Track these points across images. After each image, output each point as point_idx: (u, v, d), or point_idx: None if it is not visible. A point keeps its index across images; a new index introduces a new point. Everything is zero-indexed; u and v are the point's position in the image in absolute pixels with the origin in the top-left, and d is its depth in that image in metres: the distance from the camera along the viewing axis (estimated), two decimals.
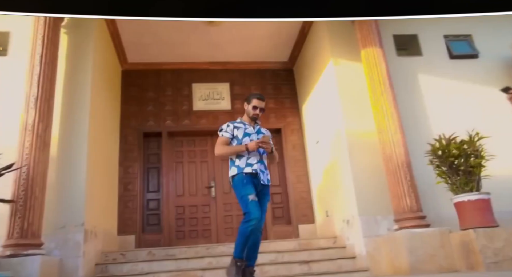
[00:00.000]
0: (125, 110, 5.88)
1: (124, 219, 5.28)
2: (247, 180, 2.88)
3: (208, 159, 6.01)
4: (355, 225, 4.18)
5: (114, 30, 5.21)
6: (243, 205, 2.81)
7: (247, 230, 2.73)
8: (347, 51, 4.72)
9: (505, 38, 4.76)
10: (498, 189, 3.58)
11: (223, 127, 3.09)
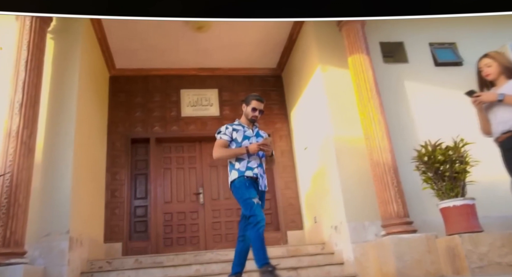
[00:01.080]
0: (112, 116, 5.83)
1: (110, 226, 5.21)
2: (249, 184, 2.83)
3: (197, 165, 5.98)
4: (343, 231, 4.19)
5: (102, 36, 5.18)
6: (247, 209, 2.75)
7: (259, 233, 2.68)
8: (334, 58, 4.77)
9: (488, 46, 4.83)
10: (482, 195, 3.64)
11: (221, 130, 3.01)
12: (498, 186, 4.16)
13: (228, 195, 5.86)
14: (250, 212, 2.72)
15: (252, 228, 2.69)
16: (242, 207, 2.86)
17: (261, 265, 2.64)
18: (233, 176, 2.89)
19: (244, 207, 2.81)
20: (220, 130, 3.02)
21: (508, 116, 2.55)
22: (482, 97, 2.67)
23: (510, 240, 3.13)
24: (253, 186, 2.86)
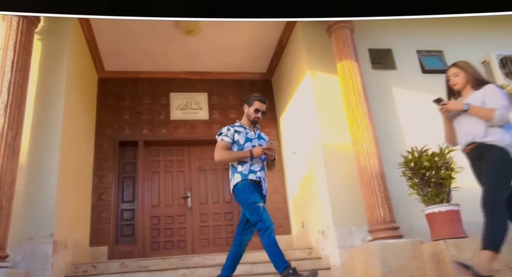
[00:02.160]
0: (100, 119, 5.78)
1: (96, 229, 5.15)
2: (253, 188, 2.77)
3: (185, 169, 5.96)
4: (330, 236, 4.20)
5: (91, 38, 5.14)
6: (254, 213, 2.66)
7: (271, 238, 2.60)
8: (323, 63, 4.80)
9: (474, 55, 4.92)
10: (466, 201, 3.66)
11: (222, 131, 2.91)
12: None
13: (216, 199, 5.85)
14: (257, 217, 2.63)
15: (263, 234, 2.61)
16: (247, 212, 2.77)
17: (282, 270, 2.57)
18: (236, 180, 2.80)
19: (249, 212, 2.72)
20: (221, 132, 2.92)
21: (471, 128, 2.54)
22: (449, 106, 2.66)
23: None
24: (257, 190, 2.79)
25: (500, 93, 2.54)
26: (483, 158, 2.48)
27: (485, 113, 2.48)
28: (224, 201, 5.85)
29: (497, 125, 2.45)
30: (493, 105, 2.47)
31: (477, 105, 2.54)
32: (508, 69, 4.61)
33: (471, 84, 2.65)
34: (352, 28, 4.64)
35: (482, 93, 2.57)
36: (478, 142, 2.52)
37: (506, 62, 4.66)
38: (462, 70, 2.69)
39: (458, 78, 2.69)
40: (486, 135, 2.48)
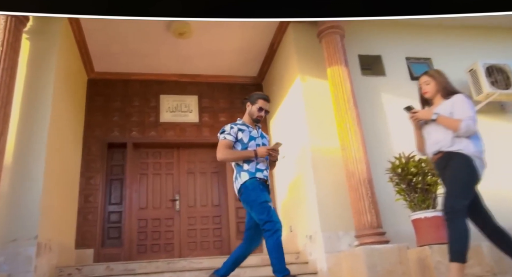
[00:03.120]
0: (89, 120, 5.73)
1: (82, 232, 5.09)
2: (263, 187, 2.69)
3: (174, 172, 5.93)
4: (318, 241, 4.21)
5: (81, 38, 5.11)
6: (264, 213, 2.57)
7: (279, 241, 2.52)
8: (314, 68, 4.83)
9: (461, 63, 5.01)
10: None
11: (225, 129, 2.81)
12: None
13: (204, 202, 5.83)
14: (268, 217, 2.54)
15: (271, 236, 2.52)
16: (255, 211, 2.63)
17: (282, 276, 2.52)
18: (244, 178, 2.70)
19: (258, 211, 2.59)
20: (224, 130, 2.82)
21: (439, 137, 2.54)
22: (418, 114, 2.66)
23: (477, 252, 3.21)
24: (266, 190, 2.71)
25: (468, 103, 2.54)
26: (449, 167, 2.49)
27: (452, 124, 2.49)
28: (213, 205, 5.83)
29: (463, 135, 2.46)
30: (461, 116, 2.47)
31: (445, 114, 2.54)
32: (494, 77, 4.69)
33: (441, 93, 2.65)
34: (342, 34, 4.68)
35: (451, 103, 2.57)
36: (445, 151, 2.52)
37: (492, 71, 4.73)
38: (433, 78, 2.69)
39: (428, 87, 2.70)
40: (452, 144, 2.48)
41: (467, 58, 5.04)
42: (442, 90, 2.65)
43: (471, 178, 2.44)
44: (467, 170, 2.42)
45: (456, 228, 2.31)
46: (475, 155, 2.45)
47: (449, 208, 2.37)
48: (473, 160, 2.43)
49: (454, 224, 2.32)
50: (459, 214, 2.33)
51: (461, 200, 2.37)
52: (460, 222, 2.32)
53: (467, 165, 2.42)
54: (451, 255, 2.32)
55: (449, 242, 2.34)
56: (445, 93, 2.64)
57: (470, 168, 2.42)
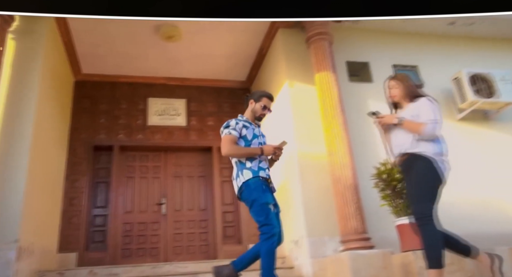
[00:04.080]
0: (75, 122, 5.66)
1: (66, 235, 5.01)
2: (266, 187, 2.61)
3: (161, 175, 5.89)
4: (303, 246, 4.21)
5: (68, 39, 5.06)
6: (263, 215, 2.49)
7: (272, 248, 2.45)
8: (302, 74, 4.86)
9: (447, 71, 5.10)
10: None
11: (230, 124, 2.72)
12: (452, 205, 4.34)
13: (191, 206, 5.79)
14: (266, 220, 2.46)
15: (266, 241, 2.44)
16: (254, 212, 2.55)
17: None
18: (247, 176, 2.59)
19: (257, 213, 2.51)
20: (228, 124, 2.72)
21: (403, 140, 2.55)
22: (383, 119, 2.69)
23: (458, 258, 3.23)
24: (269, 190, 2.64)
25: (432, 107, 2.55)
26: (412, 169, 2.50)
27: (415, 127, 2.50)
28: (199, 209, 5.80)
29: (426, 139, 2.47)
30: (424, 119, 2.49)
31: (410, 118, 2.56)
32: (477, 86, 4.78)
33: (407, 97, 2.67)
34: (330, 40, 4.73)
35: (416, 107, 2.59)
36: (408, 153, 2.53)
37: (476, 80, 4.82)
38: (399, 83, 2.71)
39: (395, 91, 2.72)
40: (415, 147, 2.49)
41: (452, 66, 5.13)
42: (408, 94, 2.67)
43: (435, 181, 2.45)
44: (430, 173, 2.43)
45: (429, 234, 2.33)
46: (437, 157, 2.45)
47: (419, 214, 2.38)
48: (435, 162, 2.44)
49: (426, 230, 2.34)
50: (429, 219, 2.35)
51: (429, 205, 2.39)
52: (431, 227, 2.34)
53: (429, 167, 2.43)
54: (428, 262, 2.33)
55: (424, 249, 2.35)
56: (411, 97, 2.66)
57: (433, 170, 2.42)
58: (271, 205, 2.55)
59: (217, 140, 5.99)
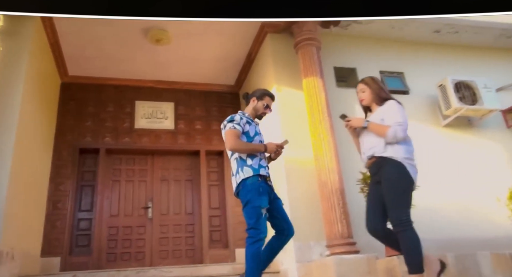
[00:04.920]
0: (61, 124, 5.60)
1: (50, 239, 4.93)
2: (264, 189, 2.55)
3: (147, 179, 5.84)
4: (289, 250, 4.20)
5: (55, 41, 5.01)
6: (253, 218, 2.46)
7: (258, 252, 2.42)
8: (290, 79, 4.89)
9: (432, 78, 5.18)
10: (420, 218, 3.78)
11: (235, 118, 2.67)
12: (435, 210, 4.41)
13: (178, 210, 5.76)
14: (255, 224, 2.43)
15: (252, 245, 2.41)
16: (246, 213, 2.53)
17: None
18: (247, 174, 2.54)
19: (249, 215, 2.49)
20: (233, 119, 2.66)
21: (373, 143, 2.54)
22: (351, 122, 2.69)
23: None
24: (267, 192, 2.58)
25: (397, 109, 2.53)
26: (381, 172, 2.49)
27: (381, 130, 2.49)
28: (186, 213, 5.77)
29: (391, 142, 2.45)
30: (390, 122, 2.48)
31: (377, 121, 2.55)
32: (461, 93, 4.86)
33: (376, 100, 2.67)
34: (319, 46, 4.77)
35: (383, 110, 2.59)
36: (378, 157, 2.52)
37: (460, 87, 4.91)
38: (368, 86, 2.70)
39: (364, 94, 2.71)
40: (385, 150, 2.47)
41: (437, 73, 5.21)
42: (376, 97, 2.66)
43: (407, 185, 2.43)
44: (403, 178, 2.41)
45: (408, 240, 2.33)
46: (406, 161, 2.43)
47: (396, 221, 2.36)
48: (405, 166, 2.42)
49: (405, 236, 2.34)
50: (407, 224, 2.34)
51: (405, 210, 2.38)
52: (410, 232, 2.33)
53: (402, 172, 2.41)
54: (410, 268, 2.32)
55: (404, 255, 2.35)
56: (379, 100, 2.65)
57: (404, 175, 2.41)
58: (264, 209, 2.52)
59: (205, 144, 6.06)
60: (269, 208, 2.61)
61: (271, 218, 2.69)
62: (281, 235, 2.71)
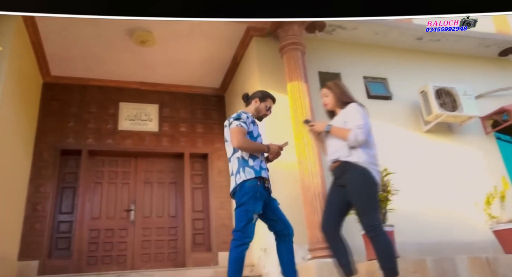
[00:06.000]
0: (42, 125, 5.51)
1: (28, 242, 4.83)
2: (261, 194, 2.53)
3: (130, 181, 5.78)
4: (272, 254, 4.21)
5: (37, 40, 4.93)
6: (243, 221, 2.44)
7: (242, 255, 2.40)
8: (274, 83, 4.90)
9: (415, 84, 5.27)
10: (400, 222, 3.86)
11: (242, 116, 2.62)
12: (415, 214, 4.47)
13: (161, 213, 5.71)
14: (243, 227, 2.43)
15: (236, 248, 2.41)
16: (237, 215, 2.51)
17: None
18: (249, 175, 2.50)
19: (239, 218, 2.47)
20: (240, 116, 2.61)
21: (337, 147, 2.53)
22: (314, 127, 2.69)
23: (422, 266, 3.33)
24: (264, 197, 2.56)
25: (358, 112, 2.53)
26: (346, 178, 2.48)
27: (342, 133, 2.49)
28: (169, 216, 5.73)
29: (353, 145, 2.45)
30: (350, 125, 2.48)
31: (340, 125, 2.55)
32: (442, 100, 4.96)
33: (339, 104, 2.67)
34: (303, 50, 4.81)
35: (345, 113, 2.59)
36: (342, 161, 2.51)
37: (441, 93, 5.00)
38: (330, 90, 2.72)
39: (327, 99, 2.72)
40: (349, 155, 2.47)
41: (420, 79, 5.31)
42: (339, 101, 2.67)
43: (374, 189, 2.44)
44: (368, 183, 2.41)
45: (381, 244, 2.35)
46: (371, 166, 2.43)
47: (368, 227, 2.38)
48: (370, 171, 2.42)
49: (378, 241, 2.35)
50: (378, 229, 2.35)
51: (375, 215, 2.39)
52: (382, 237, 2.34)
53: (366, 177, 2.41)
54: (385, 272, 2.33)
55: (379, 260, 2.36)
56: (341, 103, 2.65)
57: (370, 180, 2.41)
58: (256, 215, 2.51)
59: (189, 147, 6.04)
60: (265, 210, 2.62)
61: (267, 220, 2.71)
62: (282, 237, 2.74)
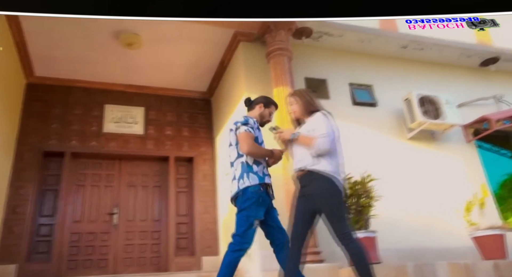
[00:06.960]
0: (24, 126, 5.42)
1: (6, 246, 4.73)
2: (263, 199, 2.51)
3: (114, 184, 5.72)
4: (255, 259, 4.21)
5: (21, 40, 4.86)
6: (244, 226, 2.44)
7: (237, 260, 2.40)
8: (260, 88, 4.91)
9: (399, 91, 5.35)
10: (382, 228, 3.90)
11: (250, 122, 2.61)
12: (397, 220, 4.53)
13: (144, 216, 5.66)
14: (243, 233, 2.42)
15: (232, 252, 2.40)
16: (237, 220, 2.50)
17: None
18: (253, 181, 2.49)
19: (239, 223, 2.47)
20: (247, 121, 2.60)
21: (303, 155, 2.50)
22: (281, 134, 2.64)
23: (403, 272, 3.37)
24: (266, 203, 2.55)
25: (323, 121, 2.50)
26: (311, 187, 2.45)
27: (307, 142, 2.46)
28: (153, 219, 5.67)
29: (317, 153, 2.43)
30: (316, 134, 2.45)
31: (306, 133, 2.52)
32: (426, 107, 5.04)
33: (305, 112, 2.64)
34: (290, 56, 4.84)
35: (311, 121, 2.57)
36: (308, 170, 2.48)
37: (424, 101, 5.09)
38: (297, 99, 2.68)
39: (294, 107, 2.68)
40: (315, 164, 2.44)
41: (404, 87, 5.40)
42: (305, 109, 2.64)
43: (340, 198, 2.43)
44: (334, 192, 2.40)
45: (355, 251, 2.36)
46: (334, 175, 2.42)
47: (340, 235, 2.36)
48: (334, 180, 2.41)
49: (351, 248, 2.36)
50: (350, 236, 2.35)
51: (344, 223, 2.38)
52: (354, 244, 2.33)
53: (332, 187, 2.39)
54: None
55: (354, 266, 2.35)
56: (308, 112, 2.63)
57: (336, 189, 2.40)
58: (257, 222, 2.50)
59: (175, 150, 6.01)
60: (266, 216, 2.60)
61: (267, 226, 2.68)
62: (280, 246, 2.70)
